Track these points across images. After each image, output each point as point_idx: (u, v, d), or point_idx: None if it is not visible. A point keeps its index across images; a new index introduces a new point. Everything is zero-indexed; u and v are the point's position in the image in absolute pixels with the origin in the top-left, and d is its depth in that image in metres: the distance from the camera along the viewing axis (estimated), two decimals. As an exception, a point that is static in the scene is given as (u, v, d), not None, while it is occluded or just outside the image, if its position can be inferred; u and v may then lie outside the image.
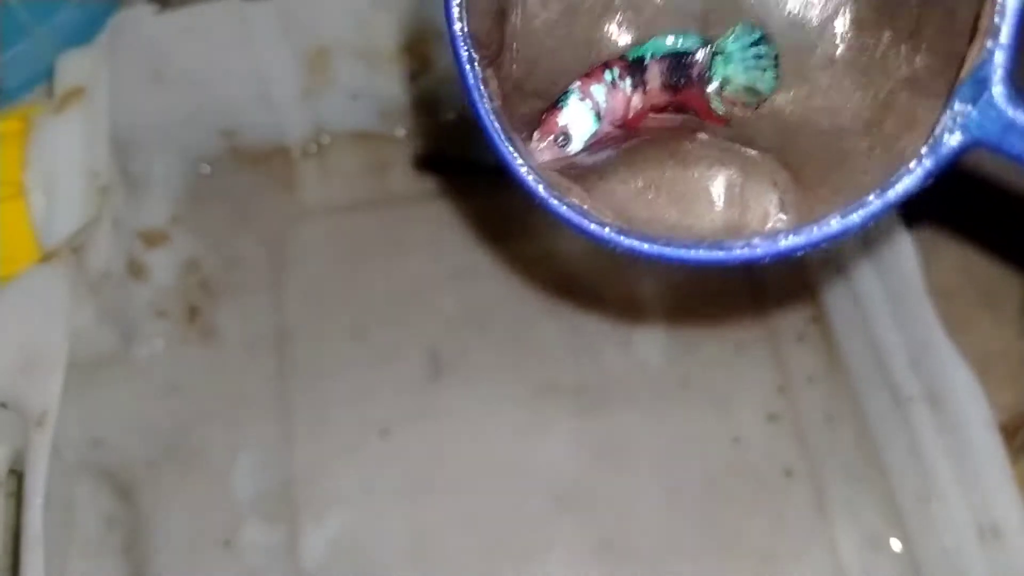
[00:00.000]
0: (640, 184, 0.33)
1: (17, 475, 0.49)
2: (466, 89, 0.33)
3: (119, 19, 0.58)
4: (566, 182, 0.33)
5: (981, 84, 0.30)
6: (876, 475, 0.55)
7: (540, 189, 0.33)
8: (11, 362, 0.49)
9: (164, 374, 0.59)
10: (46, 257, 0.52)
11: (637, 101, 0.35)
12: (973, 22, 0.30)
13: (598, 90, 0.34)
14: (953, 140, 0.30)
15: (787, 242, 0.31)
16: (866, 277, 0.56)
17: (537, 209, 0.33)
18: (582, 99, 0.34)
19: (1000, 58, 0.29)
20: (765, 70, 0.35)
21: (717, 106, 0.36)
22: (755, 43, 0.35)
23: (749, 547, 0.55)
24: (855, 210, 0.31)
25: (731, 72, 0.35)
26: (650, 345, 0.60)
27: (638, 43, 0.37)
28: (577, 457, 0.57)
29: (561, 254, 0.62)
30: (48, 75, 0.58)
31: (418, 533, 0.55)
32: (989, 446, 0.49)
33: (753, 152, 0.34)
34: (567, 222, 0.33)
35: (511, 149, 0.33)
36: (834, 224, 0.31)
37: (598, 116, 0.35)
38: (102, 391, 0.56)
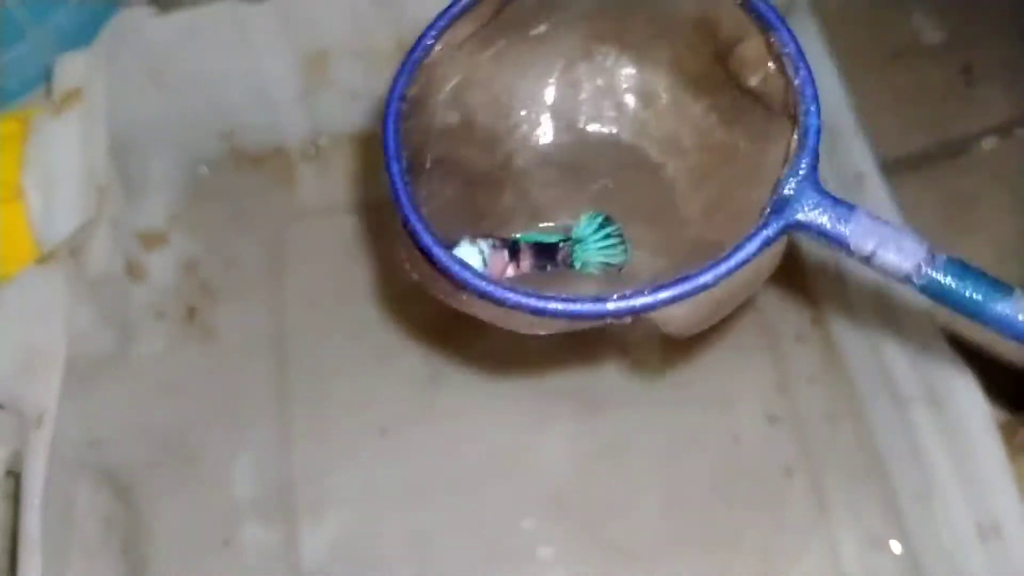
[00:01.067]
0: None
1: (15, 476, 0.49)
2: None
3: (117, 20, 0.58)
4: None
5: (795, 177, 0.35)
6: (876, 475, 0.55)
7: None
8: (9, 363, 0.49)
9: (163, 374, 0.59)
10: (44, 258, 0.52)
11: (511, 271, 0.39)
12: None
13: (484, 243, 0.39)
14: (773, 226, 0.35)
15: (631, 303, 0.34)
16: (865, 277, 0.56)
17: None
18: (472, 243, 0.39)
19: (807, 159, 0.35)
20: (615, 246, 0.41)
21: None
22: (601, 226, 0.41)
23: (749, 547, 0.55)
24: (690, 280, 0.34)
25: (588, 255, 0.41)
26: (649, 346, 0.60)
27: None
28: (576, 457, 0.57)
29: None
30: (46, 76, 0.58)
31: (417, 533, 0.55)
32: (989, 446, 0.49)
33: None
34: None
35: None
36: (675, 291, 0.34)
37: (484, 263, 0.39)
38: (101, 391, 0.56)
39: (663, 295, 0.34)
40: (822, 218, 0.35)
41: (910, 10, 0.71)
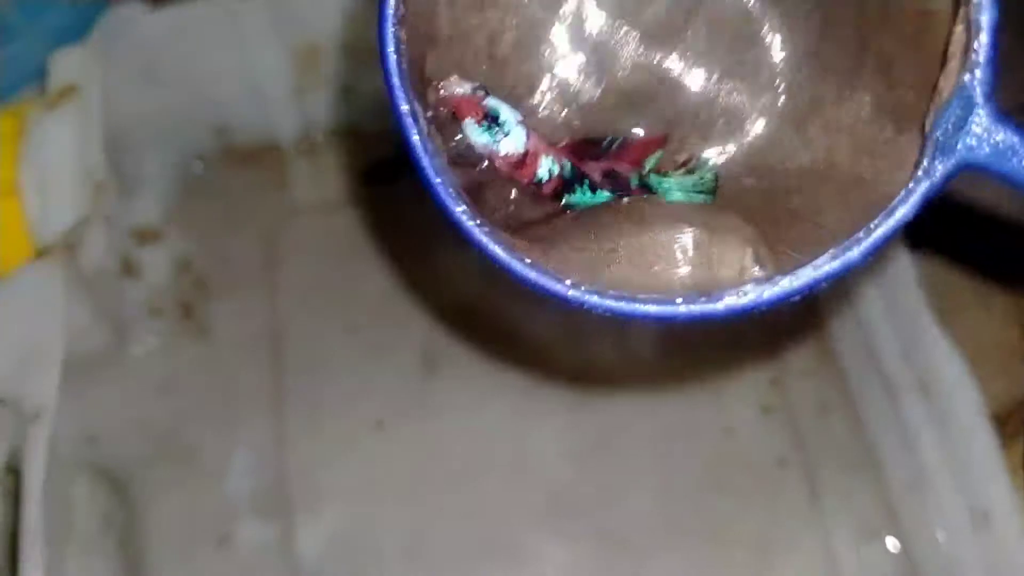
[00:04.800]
0: (597, 249, 0.32)
1: (13, 472, 0.49)
2: (410, 147, 0.31)
3: (111, 18, 0.58)
4: (523, 244, 0.31)
5: (965, 106, 0.29)
6: (869, 465, 0.56)
7: (499, 251, 0.30)
8: (7, 359, 0.49)
9: (158, 371, 0.59)
10: (40, 255, 0.52)
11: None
12: (944, 47, 0.29)
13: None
14: (942, 166, 0.29)
15: (782, 286, 0.30)
16: (858, 270, 0.56)
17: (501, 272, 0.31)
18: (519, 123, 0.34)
19: (981, 76, 0.28)
20: (702, 192, 0.36)
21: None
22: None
23: (742, 537, 0.55)
24: (851, 247, 0.30)
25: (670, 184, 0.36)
26: (643, 338, 0.60)
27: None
28: (571, 449, 0.57)
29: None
30: (40, 74, 0.58)
31: (414, 527, 0.55)
32: (981, 435, 0.49)
33: (712, 209, 0.34)
34: (535, 285, 0.30)
35: (465, 210, 0.31)
36: (833, 264, 0.30)
37: (525, 129, 0.34)
38: (97, 388, 0.56)
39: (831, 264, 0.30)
40: (1003, 159, 0.28)
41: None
